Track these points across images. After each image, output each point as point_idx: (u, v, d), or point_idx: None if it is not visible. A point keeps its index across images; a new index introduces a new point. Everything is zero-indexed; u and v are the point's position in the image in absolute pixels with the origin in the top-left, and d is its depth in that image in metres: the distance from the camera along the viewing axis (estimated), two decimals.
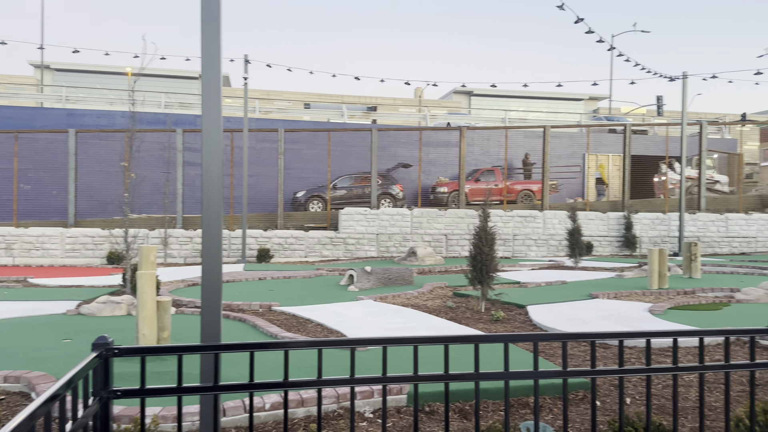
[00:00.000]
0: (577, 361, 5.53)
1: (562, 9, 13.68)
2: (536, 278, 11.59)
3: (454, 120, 28.94)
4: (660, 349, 5.94)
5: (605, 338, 2.37)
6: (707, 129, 20.08)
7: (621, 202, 19.24)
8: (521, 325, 7.30)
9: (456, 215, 17.66)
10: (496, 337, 2.37)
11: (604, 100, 49.95)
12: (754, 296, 8.75)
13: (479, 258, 8.22)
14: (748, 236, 18.73)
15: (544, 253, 17.87)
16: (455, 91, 49.95)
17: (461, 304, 8.77)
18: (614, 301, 8.82)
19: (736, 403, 4.31)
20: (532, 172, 22.95)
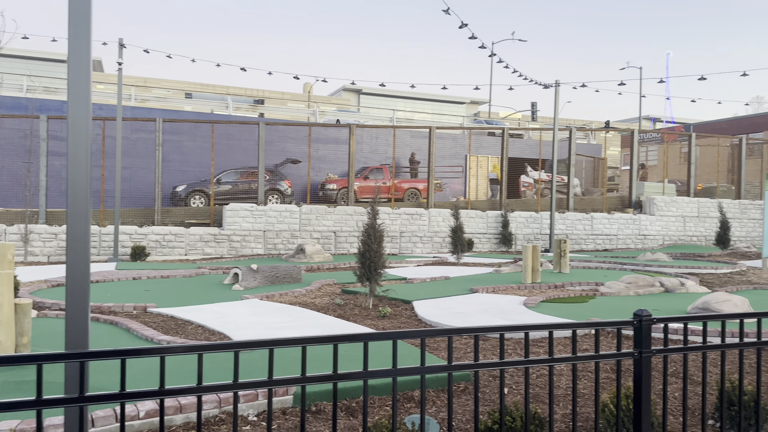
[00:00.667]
0: (458, 353, 5.72)
1: (447, 13, 14.14)
2: (422, 274, 11.90)
3: (344, 117, 29.00)
4: (534, 340, 6.31)
5: (487, 332, 2.45)
6: (576, 134, 21.72)
7: (499, 201, 20.30)
8: (407, 320, 7.44)
9: (345, 212, 17.70)
10: (385, 334, 2.37)
11: (484, 104, 52.49)
12: (615, 289, 9.58)
13: (368, 255, 8.28)
14: (611, 234, 20.51)
15: (429, 249, 18.41)
16: (345, 88, 50.14)
17: (349, 301, 8.78)
18: (493, 295, 9.26)
19: (602, 389, 4.67)
20: (418, 171, 23.56)
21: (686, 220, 21.50)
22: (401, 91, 49.14)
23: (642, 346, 2.53)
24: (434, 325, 7.10)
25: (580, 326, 2.56)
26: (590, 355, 2.49)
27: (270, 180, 19.62)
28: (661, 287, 9.71)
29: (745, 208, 22.45)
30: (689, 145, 23.00)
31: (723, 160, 25.48)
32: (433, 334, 2.40)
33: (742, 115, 40.53)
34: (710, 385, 4.72)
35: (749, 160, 26.03)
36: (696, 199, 21.87)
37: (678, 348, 2.61)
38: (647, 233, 20.90)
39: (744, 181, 23.64)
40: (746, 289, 10.23)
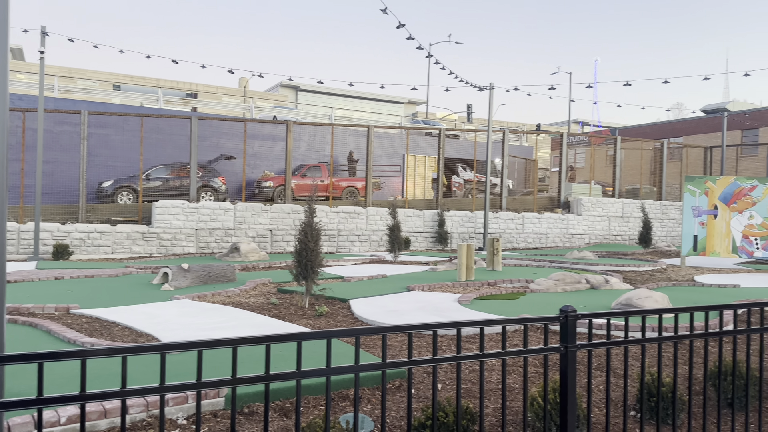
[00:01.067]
0: (394, 351, 5.76)
1: (385, 13, 14.19)
2: (359, 273, 11.91)
3: (281, 114, 28.62)
4: (467, 336, 6.43)
5: (421, 329, 2.47)
6: (509, 136, 22.33)
7: (435, 200, 20.60)
8: (344, 319, 7.43)
9: (282, 210, 17.47)
10: (319, 333, 2.34)
11: (422, 104, 53.13)
12: (545, 286, 9.91)
13: (304, 253, 8.20)
14: (541, 233, 21.22)
15: (366, 248, 18.45)
16: (282, 84, 49.48)
17: (285, 300, 8.67)
18: (428, 293, 9.38)
19: (531, 383, 4.81)
20: (356, 170, 23.56)
21: (611, 220, 22.52)
22: (340, 90, 49.00)
23: (567, 341, 2.62)
24: (371, 323, 7.12)
25: (509, 322, 2.62)
26: (519, 350, 2.56)
27: (203, 176, 19.10)
28: (587, 284, 10.12)
29: (666, 209, 23.75)
30: (615, 148, 24.11)
31: (646, 163, 26.86)
32: (368, 333, 2.40)
33: (664, 121, 42.89)
34: (633, 378, 4.96)
35: (670, 163, 27.55)
36: (620, 200, 22.95)
37: (601, 342, 2.73)
38: (575, 232, 21.74)
39: (665, 184, 25.01)
40: (666, 286, 10.81)
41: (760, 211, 13.82)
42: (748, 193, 13.97)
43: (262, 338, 2.25)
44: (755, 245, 13.93)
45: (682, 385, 4.71)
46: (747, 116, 34.36)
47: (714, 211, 14.19)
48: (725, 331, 3.23)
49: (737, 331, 3.27)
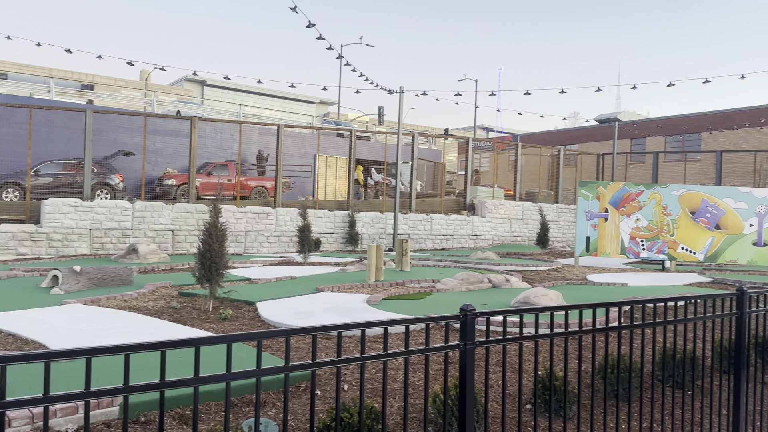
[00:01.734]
0: (302, 353, 5.70)
1: (295, 11, 14.04)
2: (267, 274, 11.69)
3: (186, 109, 27.54)
4: (375, 336, 6.49)
5: (325, 330, 2.46)
6: (418, 140, 22.79)
7: (346, 201, 20.63)
8: (250, 322, 7.26)
9: (185, 210, 16.81)
10: (219, 338, 2.27)
11: (333, 105, 53.07)
12: (450, 286, 10.20)
13: (208, 255, 7.94)
14: (448, 234, 21.82)
15: (276, 249, 18.15)
16: (187, 78, 47.65)
17: (187, 304, 8.35)
18: (337, 294, 9.38)
19: (435, 380, 4.93)
20: (266, 169, 23.13)
21: (512, 222, 23.57)
22: (249, 86, 47.92)
23: (467, 339, 2.71)
24: (278, 325, 7.01)
25: (412, 322, 2.67)
26: (421, 349, 2.62)
27: (99, 173, 18.01)
28: (489, 283, 10.53)
29: (562, 212, 25.19)
30: (516, 153, 25.27)
31: (544, 169, 28.36)
32: (271, 336, 2.36)
33: (561, 129, 45.48)
34: (529, 373, 5.21)
35: (566, 168, 29.24)
36: (521, 203, 24.07)
37: (498, 339, 2.84)
38: (479, 233, 22.56)
39: (561, 188, 26.51)
40: (561, 285, 11.46)
41: (646, 215, 14.97)
42: (636, 198, 15.09)
43: (156, 344, 2.15)
44: (641, 246, 15.07)
45: (574, 378, 5.01)
46: (635, 126, 37.14)
47: (605, 214, 15.21)
48: (611, 327, 3.47)
49: (621, 327, 3.52)
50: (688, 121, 35.04)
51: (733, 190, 14.84)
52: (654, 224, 14.92)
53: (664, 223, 14.84)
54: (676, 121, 35.70)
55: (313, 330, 2.43)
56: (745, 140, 32.12)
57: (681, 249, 14.77)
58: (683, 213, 14.75)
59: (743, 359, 4.14)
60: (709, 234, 14.63)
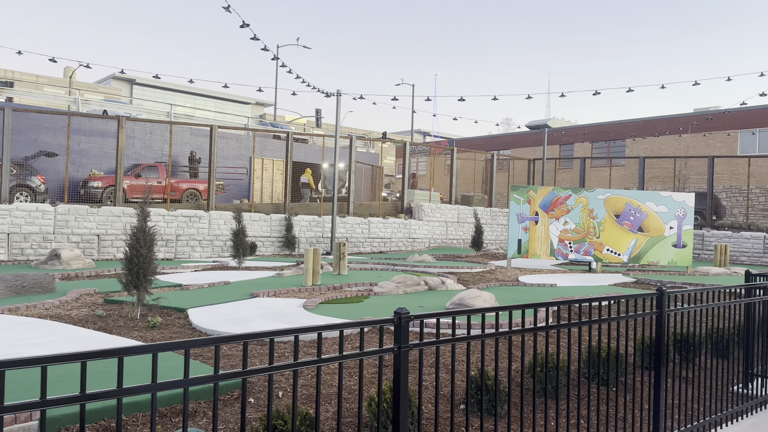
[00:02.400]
0: (235, 360, 5.58)
1: (228, 11, 13.76)
2: (199, 280, 11.37)
3: (113, 108, 26.45)
4: (312, 341, 6.43)
5: (257, 338, 2.41)
6: (356, 143, 22.81)
7: (283, 204, 20.37)
8: (180, 330, 7.03)
9: (111, 213, 16.11)
10: (144, 348, 2.19)
11: (270, 106, 52.32)
12: (387, 289, 10.24)
13: (136, 261, 7.64)
14: (386, 237, 21.93)
15: (209, 253, 17.68)
16: (115, 77, 45.78)
17: (114, 311, 8.00)
18: (273, 299, 9.23)
19: (372, 384, 4.93)
20: (198, 171, 22.51)
21: (448, 225, 23.97)
22: (181, 86, 46.55)
23: (401, 342, 2.73)
24: (210, 333, 6.83)
25: (347, 326, 2.66)
26: (355, 353, 2.61)
27: (18, 174, 17.00)
28: (426, 286, 10.66)
29: (495, 215, 25.84)
30: (452, 158, 25.73)
31: (479, 173, 29.01)
32: (199, 344, 2.29)
33: (495, 134, 46.68)
34: (463, 373, 5.30)
35: (499, 173, 30.01)
36: (456, 207, 24.52)
37: (431, 342, 2.88)
38: (416, 237, 22.81)
39: (495, 192, 27.20)
40: (494, 286, 11.74)
41: (574, 218, 15.57)
42: (564, 202, 15.67)
43: (76, 355, 2.05)
44: (569, 248, 15.65)
45: (506, 377, 5.14)
46: (564, 132, 38.61)
47: (535, 217, 15.71)
48: (539, 327, 3.58)
49: (549, 327, 3.64)
50: (613, 128, 36.78)
51: (654, 194, 15.66)
52: (581, 227, 15.53)
53: (590, 225, 15.48)
54: (601, 128, 37.39)
55: (244, 337, 2.38)
56: (665, 147, 34.04)
57: (606, 251, 15.45)
58: (608, 216, 15.43)
59: (663, 356, 4.37)
60: (633, 236, 15.37)
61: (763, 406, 5.48)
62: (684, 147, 32.87)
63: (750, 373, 5.56)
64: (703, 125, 32.78)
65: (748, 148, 31.56)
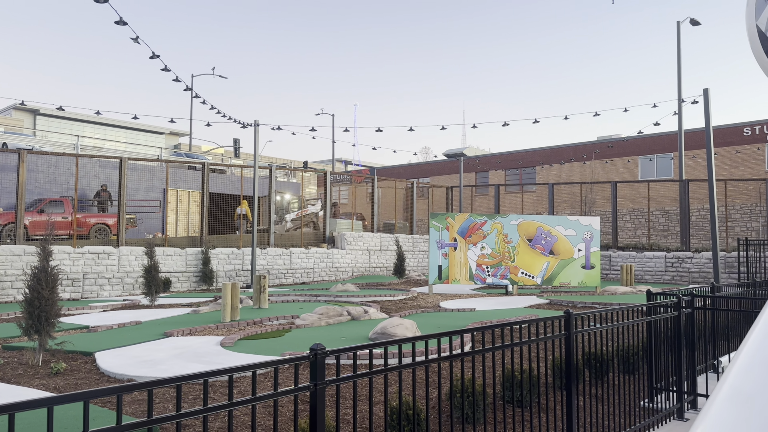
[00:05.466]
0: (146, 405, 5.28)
1: (137, 42, 13.38)
2: (108, 320, 10.75)
3: (14, 140, 24.82)
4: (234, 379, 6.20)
5: (164, 385, 2.31)
6: (276, 173, 22.57)
7: (200, 237, 19.74)
8: (87, 375, 6.60)
9: (11, 252, 15.00)
10: (38, 401, 2.03)
11: (185, 136, 50.93)
12: (309, 321, 10.10)
13: (37, 303, 7.12)
14: (308, 267, 21.69)
15: (119, 292, 16.78)
16: (16, 107, 43.12)
17: (13, 358, 7.40)
18: (189, 338, 8.86)
19: (290, 422, 4.81)
20: (108, 205, 21.45)
21: (371, 253, 24.07)
22: (90, 116, 44.46)
23: (317, 379, 2.69)
24: (119, 377, 6.45)
25: (259, 366, 2.60)
26: (269, 394, 2.55)
27: None
28: (349, 316, 10.60)
29: (417, 242, 26.22)
30: (372, 186, 25.99)
31: (399, 200, 29.44)
32: (98, 395, 2.16)
33: (414, 162, 47.69)
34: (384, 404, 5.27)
35: (419, 200, 30.61)
36: (378, 234, 24.69)
37: (348, 376, 2.86)
38: (339, 266, 22.72)
39: (416, 219, 27.66)
40: (416, 313, 11.86)
41: (490, 243, 16.08)
42: (480, 228, 16.18)
43: None
44: (487, 272, 16.12)
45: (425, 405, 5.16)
46: (477, 161, 40.04)
47: (454, 243, 16.10)
48: (455, 354, 3.64)
49: (464, 353, 3.71)
50: (524, 156, 38.58)
51: (563, 219, 16.48)
52: (497, 251, 16.06)
53: (505, 250, 16.04)
54: (513, 156, 39.12)
55: (148, 385, 2.27)
56: (572, 173, 36.02)
57: (521, 273, 16.02)
58: (522, 240, 16.06)
59: (573, 375, 4.55)
60: (545, 259, 16.05)
61: (668, 418, 5.80)
62: (589, 173, 34.94)
63: (655, 387, 5.89)
64: (605, 152, 35.06)
65: (647, 173, 34.00)
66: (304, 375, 5.98)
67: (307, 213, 26.11)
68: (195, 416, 2.40)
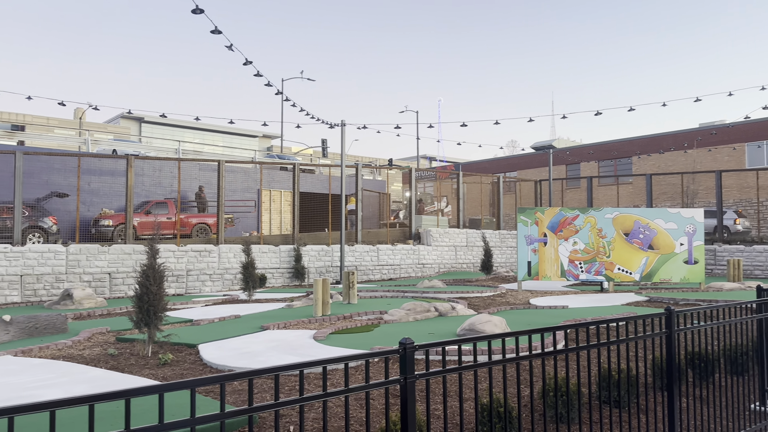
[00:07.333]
0: (246, 395, 5.56)
1: (231, 50, 14.04)
2: (210, 314, 11.39)
3: (122, 147, 26.85)
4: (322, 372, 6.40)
5: (262, 374, 2.43)
6: (362, 171, 22.97)
7: (292, 235, 20.45)
8: (191, 366, 7.04)
9: (122, 251, 16.24)
10: (150, 388, 2.21)
11: (276, 138, 52.88)
12: (397, 316, 10.21)
13: (146, 298, 7.68)
14: (395, 264, 21.91)
15: (219, 287, 17.73)
16: (124, 116, 46.54)
17: (125, 350, 8.03)
18: (283, 331, 9.22)
19: (382, 415, 4.90)
20: (207, 206, 22.70)
21: (457, 249, 23.92)
22: (189, 122, 47.22)
23: (407, 372, 2.73)
24: (221, 368, 6.82)
25: (352, 359, 2.67)
26: (361, 386, 2.62)
27: (30, 216, 17.24)
28: (436, 312, 10.61)
29: (504, 238, 25.76)
30: (458, 182, 25.80)
31: (485, 196, 29.04)
32: (204, 383, 2.31)
33: (501, 157, 46.85)
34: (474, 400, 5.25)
35: (506, 195, 30.04)
36: (465, 230, 24.49)
37: (438, 371, 2.88)
38: (425, 262, 22.76)
39: (503, 214, 27.17)
40: (505, 310, 11.67)
41: (583, 238, 15.51)
42: (572, 222, 15.64)
43: (83, 398, 2.07)
44: (580, 269, 15.56)
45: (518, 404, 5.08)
46: (568, 153, 38.67)
47: (544, 239, 15.67)
48: (547, 352, 3.57)
49: (557, 351, 3.62)
50: (618, 146, 36.81)
51: (663, 211, 15.60)
52: (591, 247, 15.46)
53: (600, 245, 15.41)
54: (607, 147, 37.43)
55: (250, 374, 2.40)
56: (672, 163, 33.96)
57: (617, 270, 15.34)
58: (617, 235, 15.36)
59: (674, 376, 4.32)
60: (643, 254, 15.27)
61: None
62: (691, 162, 32.79)
63: (767, 390, 5.47)
64: (708, 140, 32.76)
65: (756, 160, 31.45)
66: (393, 369, 6.08)
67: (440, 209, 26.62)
68: (291, 405, 2.51)
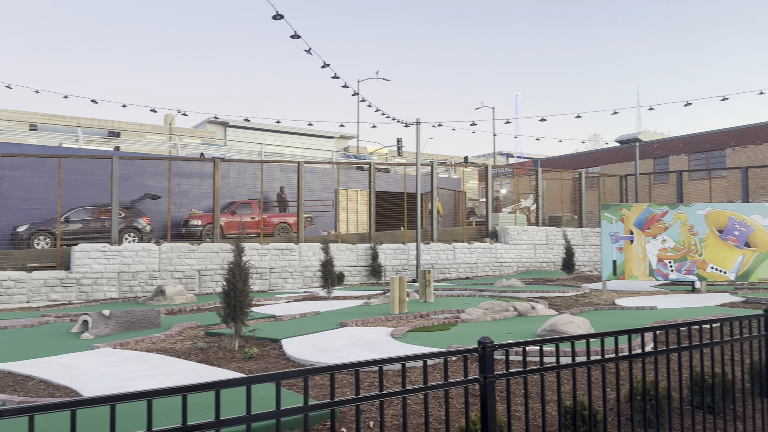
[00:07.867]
0: (327, 390, 5.69)
1: (309, 53, 14.39)
2: (291, 311, 11.74)
3: (209, 150, 28.15)
4: (398, 371, 6.45)
5: (342, 369, 2.49)
6: (437, 169, 22.89)
7: (368, 233, 20.70)
8: (275, 360, 7.28)
9: (210, 250, 17.04)
10: (237, 381, 2.32)
11: (353, 138, 53.69)
12: (474, 316, 10.11)
13: (233, 294, 8.02)
14: (471, 262, 21.68)
15: (300, 284, 18.23)
16: (210, 121, 48.77)
17: (213, 343, 8.42)
18: (362, 328, 9.36)
19: (461, 414, 4.87)
20: (288, 205, 23.40)
21: (536, 248, 23.34)
22: (270, 125, 48.84)
23: (486, 372, 2.71)
24: (303, 362, 7.02)
25: (430, 356, 2.68)
26: (440, 384, 2.62)
27: (126, 217, 18.42)
28: (515, 312, 10.41)
29: (587, 236, 24.88)
30: (537, 178, 25.16)
31: (566, 192, 28.15)
32: (288, 376, 2.39)
33: (582, 151, 45.23)
34: (557, 402, 5.11)
35: (589, 191, 28.98)
36: (544, 228, 23.85)
37: (518, 371, 2.83)
38: (503, 261, 22.37)
39: (585, 211, 26.24)
40: (588, 310, 11.27)
41: (672, 235, 14.73)
42: (661, 219, 14.87)
43: (178, 389, 2.20)
44: (670, 268, 14.78)
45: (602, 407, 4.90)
46: (656, 146, 36.78)
47: (630, 236, 15.00)
48: (635, 354, 3.42)
49: (645, 353, 3.46)
50: (710, 138, 34.61)
51: (760, 206, 14.54)
52: (681, 244, 14.65)
53: (691, 243, 14.57)
54: (697, 139, 35.28)
55: (331, 369, 2.46)
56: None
57: (710, 269, 14.44)
58: (710, 232, 14.47)
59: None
60: (739, 252, 14.30)
61: None
62: None
63: None
64: None
65: None
66: (471, 369, 6.02)
67: (521, 207, 26.42)
68: (371, 401, 2.55)
